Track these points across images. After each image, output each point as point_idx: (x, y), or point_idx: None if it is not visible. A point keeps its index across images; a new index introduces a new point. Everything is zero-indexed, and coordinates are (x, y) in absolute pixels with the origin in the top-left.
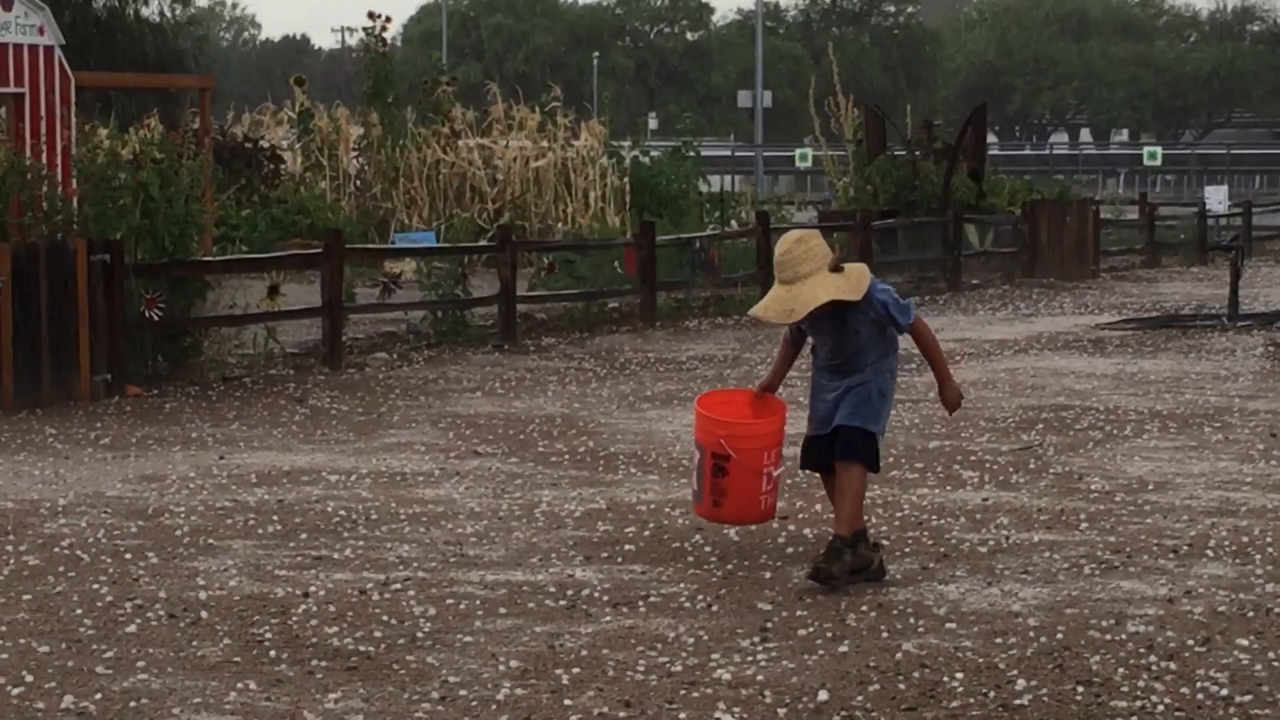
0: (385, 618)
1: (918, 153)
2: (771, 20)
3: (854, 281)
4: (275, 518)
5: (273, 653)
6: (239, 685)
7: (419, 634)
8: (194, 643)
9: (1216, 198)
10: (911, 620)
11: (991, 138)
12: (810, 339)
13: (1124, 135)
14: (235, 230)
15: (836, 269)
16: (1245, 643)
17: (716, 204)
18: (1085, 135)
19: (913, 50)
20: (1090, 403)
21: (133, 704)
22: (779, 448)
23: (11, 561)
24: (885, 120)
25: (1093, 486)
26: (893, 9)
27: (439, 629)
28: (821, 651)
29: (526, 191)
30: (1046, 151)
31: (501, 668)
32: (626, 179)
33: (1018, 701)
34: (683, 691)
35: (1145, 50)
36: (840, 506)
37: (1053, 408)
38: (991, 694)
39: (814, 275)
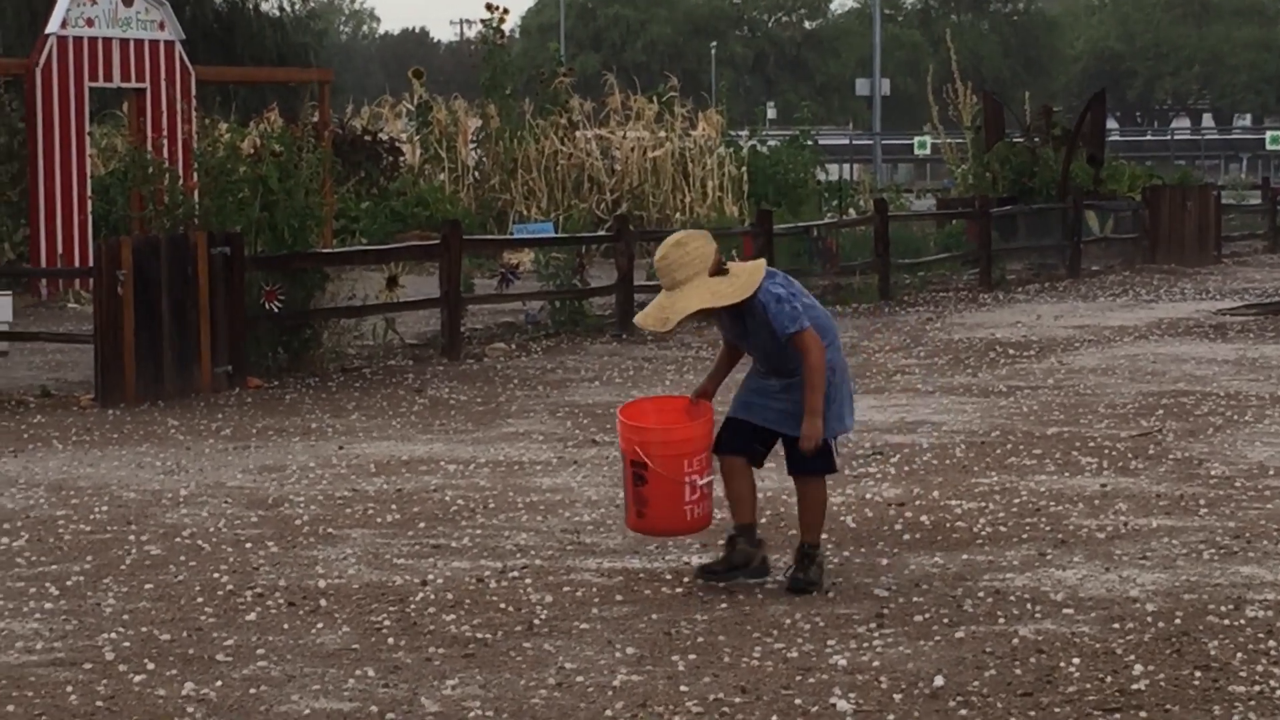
0: (503, 605)
1: (1036, 139)
2: (889, 8)
3: (739, 284)
4: (394, 507)
5: (391, 640)
6: (357, 672)
7: (536, 621)
8: (313, 630)
9: None
10: (1028, 606)
11: (1111, 123)
12: None
13: (1247, 120)
14: (354, 222)
15: (720, 271)
16: None
17: (835, 192)
18: (1207, 120)
19: (1032, 37)
20: (1211, 388)
21: (252, 691)
22: (704, 454)
23: (134, 551)
24: (1004, 107)
25: (1212, 472)
26: None
27: (556, 616)
28: (937, 637)
29: (644, 182)
30: (1168, 137)
31: (618, 654)
32: (744, 168)
33: (1135, 687)
34: (798, 677)
35: (1268, 34)
36: (807, 516)
37: (1173, 393)
38: (1109, 679)
39: (691, 280)
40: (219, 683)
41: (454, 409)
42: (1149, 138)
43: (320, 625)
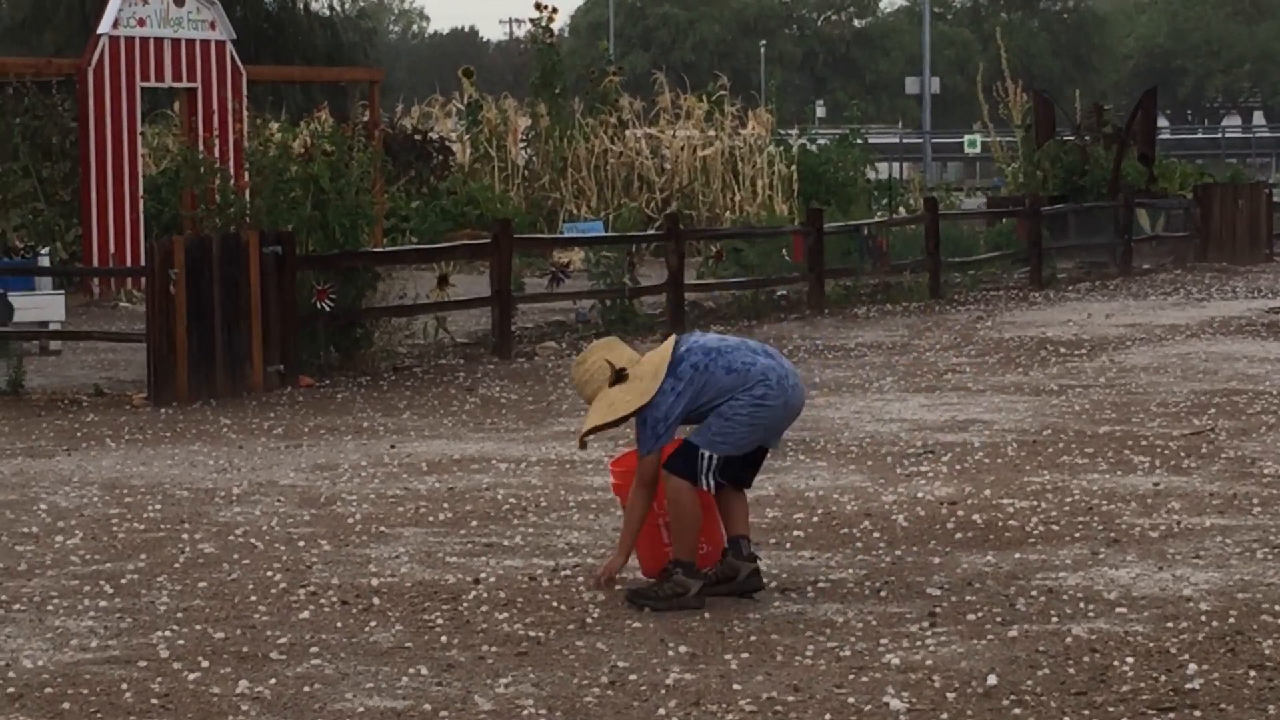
0: (555, 604)
1: (1087, 137)
2: (939, 6)
3: (636, 391)
4: (446, 505)
5: (444, 638)
6: (410, 670)
7: (589, 619)
8: (366, 629)
9: None
10: (1081, 605)
11: (1162, 122)
12: None
13: None
14: (405, 221)
15: (619, 379)
16: None
17: (885, 191)
18: (1258, 118)
19: (1082, 35)
20: (1263, 387)
21: (306, 689)
22: None
23: (187, 549)
24: (1054, 105)
25: (1265, 471)
26: None
27: (608, 615)
28: (990, 636)
29: (694, 180)
30: (1219, 135)
31: (670, 653)
32: (794, 167)
33: (1189, 686)
34: (851, 676)
35: None
36: (671, 528)
37: (1225, 392)
38: (1162, 678)
39: (595, 396)
40: (273, 680)
41: (505, 408)
42: (1200, 136)
43: (373, 623)
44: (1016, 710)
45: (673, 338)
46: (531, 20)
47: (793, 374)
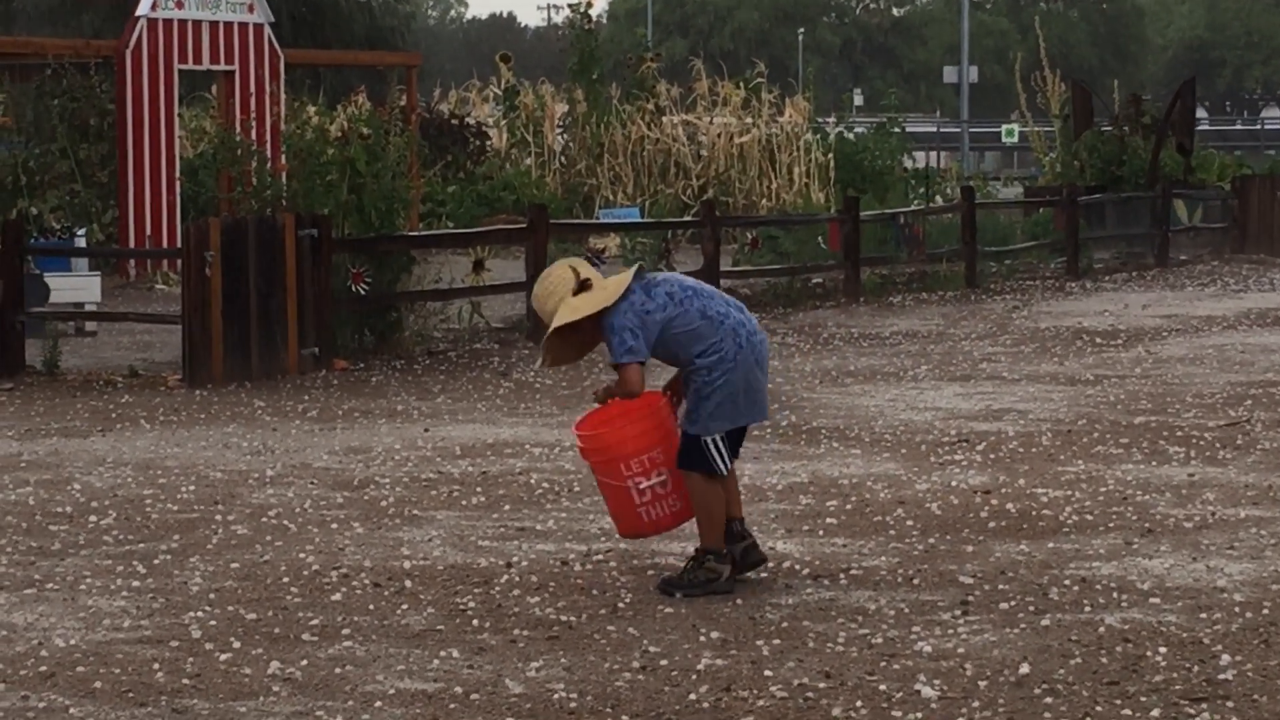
0: (587, 588)
1: (1125, 128)
2: None
3: (597, 297)
4: (479, 489)
5: (475, 622)
6: (442, 653)
7: (620, 604)
8: (398, 611)
9: None
10: (1115, 595)
11: (1201, 113)
12: None
13: None
14: (441, 206)
15: (582, 289)
16: None
17: (921, 180)
18: None
19: (1121, 25)
20: None
21: (338, 671)
22: (645, 454)
23: (220, 530)
24: (1092, 95)
25: None
26: None
27: (640, 600)
28: (1023, 625)
29: (730, 167)
30: (1258, 127)
31: (702, 638)
32: (831, 155)
33: (1222, 676)
34: (883, 663)
35: None
36: (698, 519)
37: (1261, 384)
38: (1195, 669)
39: (558, 307)
40: (304, 662)
41: (539, 392)
42: (1239, 127)
43: (405, 606)
44: (1048, 699)
45: (639, 265)
46: (570, 5)
47: (756, 328)
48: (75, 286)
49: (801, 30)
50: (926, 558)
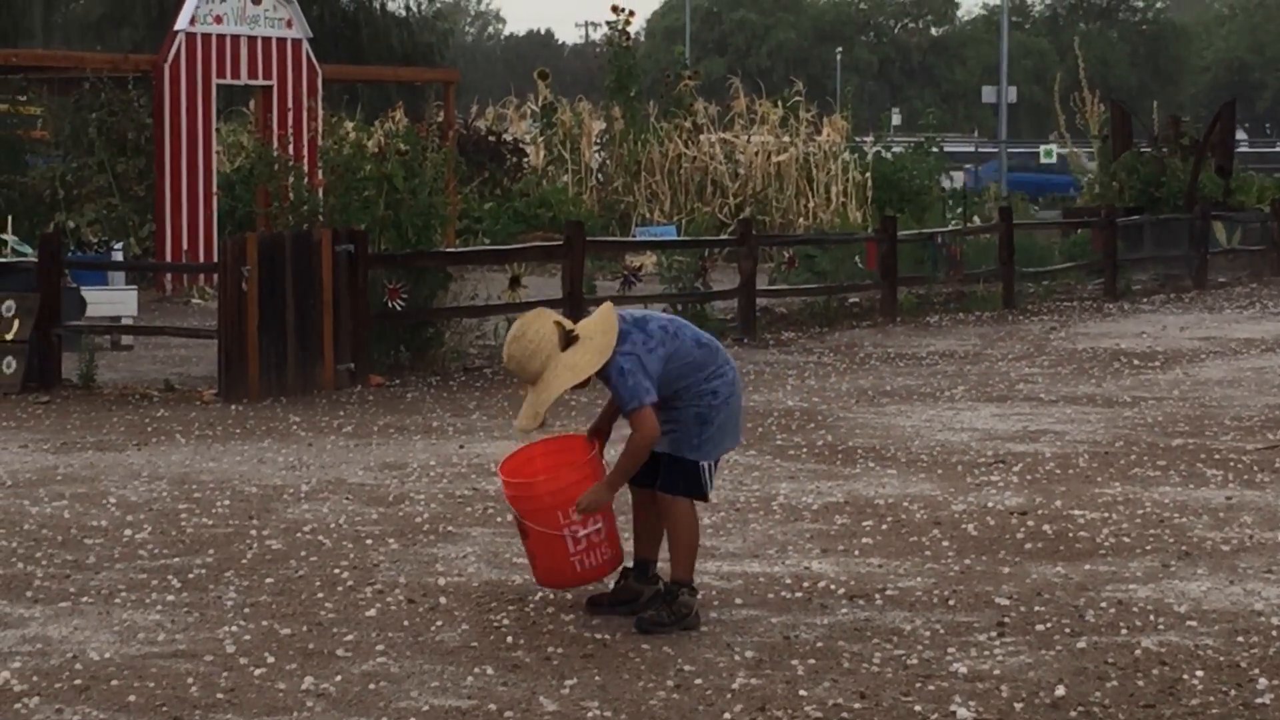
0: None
1: (1164, 149)
2: (1017, 15)
3: (595, 347)
4: None
5: (510, 639)
6: (476, 670)
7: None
8: (432, 628)
9: None
10: (1151, 618)
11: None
12: None
13: None
14: (478, 223)
15: (569, 342)
16: None
17: (959, 200)
18: None
19: (1161, 46)
20: None
21: (371, 686)
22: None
23: (255, 545)
24: (1132, 116)
25: None
26: (1141, 4)
27: None
28: (1059, 647)
29: (768, 186)
30: None
31: (737, 657)
32: (868, 174)
33: (1259, 700)
34: (918, 684)
35: None
36: (673, 548)
37: None
38: (1232, 692)
39: (547, 366)
40: (338, 677)
41: (575, 410)
42: (1278, 149)
43: (439, 623)
44: None
45: (608, 303)
46: (608, 23)
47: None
48: (112, 300)
49: (839, 49)
50: (962, 579)
